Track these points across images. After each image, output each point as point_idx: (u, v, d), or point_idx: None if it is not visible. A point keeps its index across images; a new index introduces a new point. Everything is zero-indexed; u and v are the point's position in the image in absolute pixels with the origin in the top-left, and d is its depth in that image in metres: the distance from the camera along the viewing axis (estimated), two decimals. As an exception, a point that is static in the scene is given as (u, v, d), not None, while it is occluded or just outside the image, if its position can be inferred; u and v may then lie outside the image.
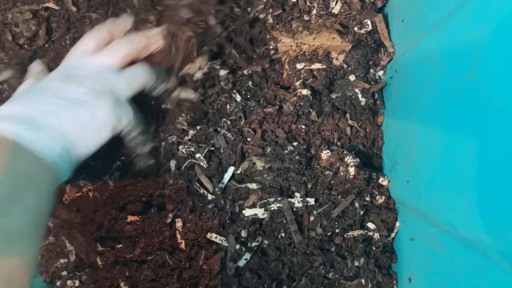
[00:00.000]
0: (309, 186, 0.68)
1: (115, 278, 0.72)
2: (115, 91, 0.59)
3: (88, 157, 0.57)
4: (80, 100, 0.55)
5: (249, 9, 0.74)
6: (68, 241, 0.76)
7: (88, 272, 0.73)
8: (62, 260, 0.75)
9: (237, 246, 0.67)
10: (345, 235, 0.70)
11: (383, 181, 0.72)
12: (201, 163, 0.72)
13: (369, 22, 0.77)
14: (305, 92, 0.75)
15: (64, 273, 0.75)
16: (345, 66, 0.78)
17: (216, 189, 0.70)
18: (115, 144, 0.64)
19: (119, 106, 0.59)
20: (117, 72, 0.60)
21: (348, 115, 0.76)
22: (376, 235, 0.71)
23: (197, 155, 0.72)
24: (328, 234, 0.70)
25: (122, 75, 0.61)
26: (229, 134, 0.73)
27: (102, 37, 0.62)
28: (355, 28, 0.77)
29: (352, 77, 0.77)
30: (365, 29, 0.77)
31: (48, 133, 0.51)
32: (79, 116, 0.55)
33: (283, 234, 0.69)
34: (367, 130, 0.77)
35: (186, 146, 0.73)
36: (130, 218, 0.72)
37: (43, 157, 0.50)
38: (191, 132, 0.74)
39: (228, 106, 0.75)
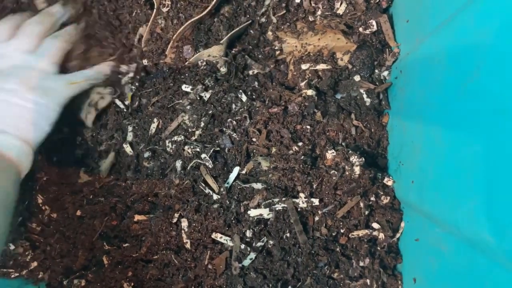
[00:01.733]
0: (314, 185, 0.69)
1: (121, 277, 0.73)
2: (41, 71, 0.64)
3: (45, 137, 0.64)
4: (16, 90, 0.61)
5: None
6: (75, 240, 0.77)
7: (95, 271, 0.74)
8: (68, 259, 0.76)
9: (242, 246, 0.67)
10: (350, 235, 0.70)
11: (388, 181, 0.72)
12: (207, 163, 0.72)
13: (374, 23, 0.77)
14: (310, 92, 0.75)
15: (71, 272, 0.76)
16: (350, 66, 0.79)
17: (222, 189, 0.70)
18: None
19: (51, 84, 0.64)
20: (34, 53, 0.65)
21: (353, 116, 0.76)
22: (381, 235, 0.70)
23: (203, 155, 0.72)
24: (333, 234, 0.70)
25: (40, 53, 0.66)
26: (235, 134, 0.74)
27: (13, 25, 0.66)
28: (360, 29, 0.77)
29: (357, 78, 0.77)
30: (370, 30, 0.77)
31: (5, 133, 0.58)
32: (24, 109, 0.61)
33: (288, 234, 0.69)
34: (372, 130, 0.77)
35: (192, 146, 0.73)
36: (137, 217, 0.73)
37: (8, 156, 0.58)
38: (197, 132, 0.75)
39: (233, 106, 0.75)
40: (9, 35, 0.66)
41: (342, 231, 0.70)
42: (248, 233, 0.68)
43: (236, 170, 0.71)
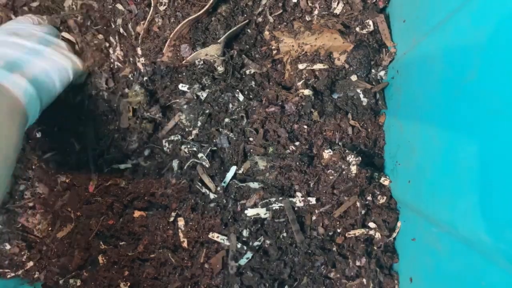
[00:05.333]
0: (311, 184, 0.69)
1: (117, 276, 0.72)
2: (60, 45, 0.70)
3: (55, 98, 0.67)
4: (37, 49, 0.65)
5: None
6: (71, 239, 0.77)
7: (90, 269, 0.74)
8: (64, 259, 0.76)
9: (239, 245, 0.67)
10: (346, 235, 0.70)
11: (384, 181, 0.72)
12: (204, 163, 0.72)
13: (370, 23, 0.77)
14: (307, 92, 0.75)
15: (67, 271, 0.76)
16: (346, 66, 0.79)
17: (218, 188, 0.70)
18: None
19: (69, 54, 0.70)
20: (53, 36, 0.71)
21: (350, 115, 0.76)
22: (378, 235, 0.71)
23: (200, 155, 0.72)
24: (330, 233, 0.70)
25: (59, 40, 0.72)
26: (231, 134, 0.74)
27: (35, 20, 0.72)
28: (357, 29, 0.78)
29: (353, 77, 0.77)
30: (366, 29, 0.77)
31: (21, 77, 0.59)
32: (42, 61, 0.64)
33: (284, 234, 0.69)
34: (369, 130, 0.77)
35: (189, 146, 0.73)
36: (137, 213, 0.72)
37: (18, 98, 0.57)
38: (194, 131, 0.75)
39: (230, 105, 0.75)
40: (35, 23, 0.72)
41: (338, 230, 0.70)
42: (245, 233, 0.68)
43: (233, 169, 0.71)
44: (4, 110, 0.55)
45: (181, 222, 0.70)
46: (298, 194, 0.68)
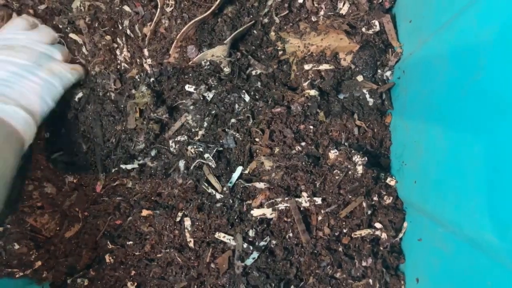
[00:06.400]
0: (317, 184, 0.69)
1: (124, 275, 0.73)
2: (51, 56, 0.72)
3: (48, 112, 0.69)
4: (28, 65, 0.67)
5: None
6: (79, 239, 0.77)
7: (97, 268, 0.74)
8: (72, 259, 0.76)
9: (245, 245, 0.68)
10: (352, 235, 0.70)
11: (390, 181, 0.72)
12: (210, 163, 0.72)
13: (377, 23, 0.77)
14: (312, 92, 0.75)
15: (74, 271, 0.76)
16: (352, 66, 0.79)
17: (225, 189, 0.71)
18: None
19: (59, 66, 0.72)
20: (47, 44, 0.73)
21: (356, 116, 0.76)
22: (384, 235, 0.71)
23: (206, 155, 0.72)
24: (336, 234, 0.70)
25: (53, 46, 0.74)
26: (238, 134, 0.74)
27: (31, 22, 0.75)
28: (363, 29, 0.77)
29: (360, 78, 0.77)
30: (373, 30, 0.77)
31: (13, 104, 0.62)
32: (32, 81, 0.66)
33: (290, 234, 0.69)
34: (375, 130, 0.77)
35: (195, 146, 0.73)
36: (143, 213, 0.73)
37: (14, 127, 0.61)
38: (200, 132, 0.75)
39: (236, 106, 0.75)
40: (29, 28, 0.73)
41: (344, 230, 0.70)
42: (251, 233, 0.69)
43: (239, 169, 0.72)
44: (2, 137, 0.59)
45: (187, 222, 0.70)
46: (304, 194, 0.69)
